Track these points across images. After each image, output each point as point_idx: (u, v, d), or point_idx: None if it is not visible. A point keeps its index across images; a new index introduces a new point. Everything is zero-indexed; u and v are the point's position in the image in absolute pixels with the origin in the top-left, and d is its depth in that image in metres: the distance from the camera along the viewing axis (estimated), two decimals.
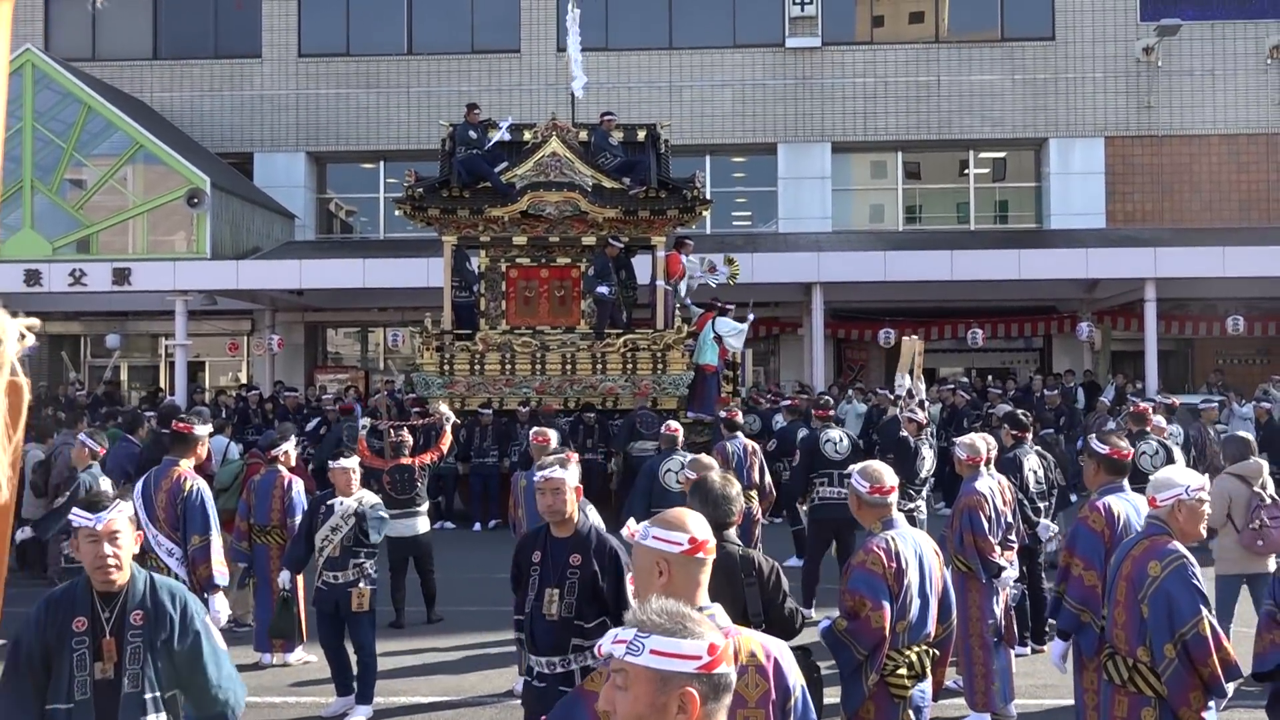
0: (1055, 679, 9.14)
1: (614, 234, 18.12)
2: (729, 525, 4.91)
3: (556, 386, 17.90)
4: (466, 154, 18.33)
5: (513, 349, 17.94)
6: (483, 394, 17.82)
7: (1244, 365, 27.22)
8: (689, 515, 3.39)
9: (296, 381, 26.60)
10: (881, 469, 5.42)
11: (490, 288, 18.53)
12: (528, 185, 17.91)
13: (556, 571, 5.50)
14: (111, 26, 29.01)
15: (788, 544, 14.02)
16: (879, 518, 5.34)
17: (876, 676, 5.14)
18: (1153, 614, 4.98)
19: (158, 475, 7.41)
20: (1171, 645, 4.92)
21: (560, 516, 5.59)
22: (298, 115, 28.48)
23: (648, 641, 2.41)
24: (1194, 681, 4.94)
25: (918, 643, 5.25)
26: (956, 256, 23.25)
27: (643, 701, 2.41)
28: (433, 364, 17.81)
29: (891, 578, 5.12)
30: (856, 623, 5.13)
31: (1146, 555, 5.10)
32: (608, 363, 17.99)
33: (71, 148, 24.38)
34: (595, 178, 18.20)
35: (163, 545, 7.27)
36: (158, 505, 7.30)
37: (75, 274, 22.99)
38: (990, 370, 26.64)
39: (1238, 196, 27.50)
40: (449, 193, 18.14)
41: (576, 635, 5.42)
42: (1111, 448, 6.62)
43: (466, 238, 18.39)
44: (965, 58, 27.97)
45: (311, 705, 8.58)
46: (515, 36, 28.33)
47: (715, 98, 27.99)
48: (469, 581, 12.91)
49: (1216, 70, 27.49)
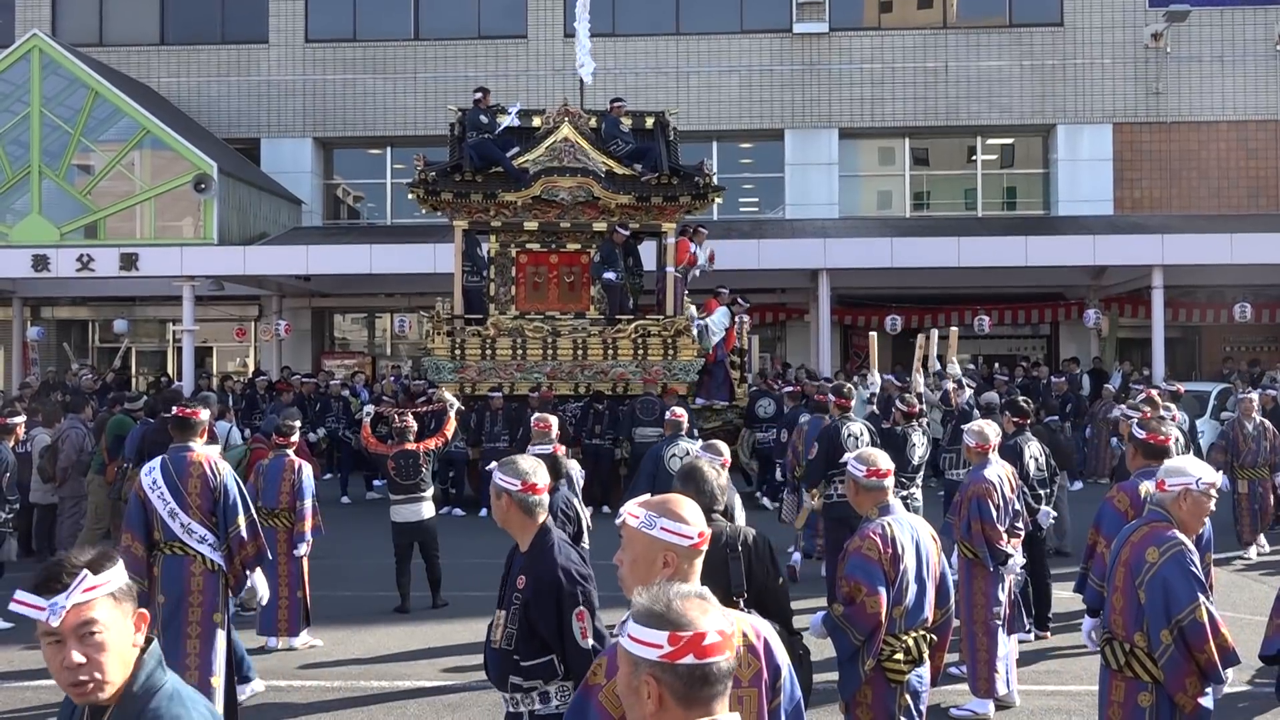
0: (1058, 665, 9.19)
1: (622, 220, 18.13)
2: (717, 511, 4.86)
3: (568, 372, 17.91)
4: (478, 139, 18.24)
5: (524, 334, 17.94)
6: (493, 379, 17.82)
7: (1251, 352, 27.18)
8: (691, 506, 3.37)
9: (303, 367, 26.65)
10: (876, 453, 5.50)
11: (500, 273, 18.53)
12: (541, 170, 17.88)
13: (507, 591, 4.68)
14: (119, 12, 29.02)
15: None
16: (875, 503, 5.39)
17: (873, 661, 5.18)
18: (1150, 600, 5.00)
19: (177, 463, 7.29)
20: (1168, 631, 4.94)
21: (503, 525, 4.72)
22: (305, 101, 28.49)
23: (628, 624, 2.45)
24: (1190, 667, 4.97)
25: (915, 628, 5.29)
26: (964, 243, 23.22)
27: (623, 681, 2.47)
28: (444, 349, 17.79)
29: (888, 563, 5.16)
30: (852, 608, 5.17)
31: (1145, 541, 5.12)
32: (619, 348, 18.02)
33: (79, 133, 24.41)
34: (607, 164, 18.20)
35: (195, 533, 7.18)
36: (189, 492, 7.23)
37: (83, 259, 23.05)
38: (997, 357, 26.63)
39: (1246, 183, 27.42)
40: (461, 177, 18.08)
41: (513, 671, 4.60)
42: (1150, 433, 6.83)
43: (478, 222, 18.33)
44: (973, 43, 27.89)
45: (317, 689, 8.62)
46: (522, 22, 28.30)
47: (722, 83, 27.94)
48: (474, 566, 12.95)
49: (1225, 57, 27.38)
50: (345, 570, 12.81)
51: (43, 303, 28.55)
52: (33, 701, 8.42)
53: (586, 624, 4.50)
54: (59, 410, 14.57)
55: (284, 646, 9.87)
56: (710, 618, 2.45)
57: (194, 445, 7.40)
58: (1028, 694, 8.29)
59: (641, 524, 3.27)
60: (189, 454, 7.33)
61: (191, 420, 7.47)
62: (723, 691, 2.45)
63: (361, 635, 10.22)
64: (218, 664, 7.17)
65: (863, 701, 5.29)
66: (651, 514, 3.29)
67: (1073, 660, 9.22)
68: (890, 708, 5.26)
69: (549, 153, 18.14)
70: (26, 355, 27.56)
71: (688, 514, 3.31)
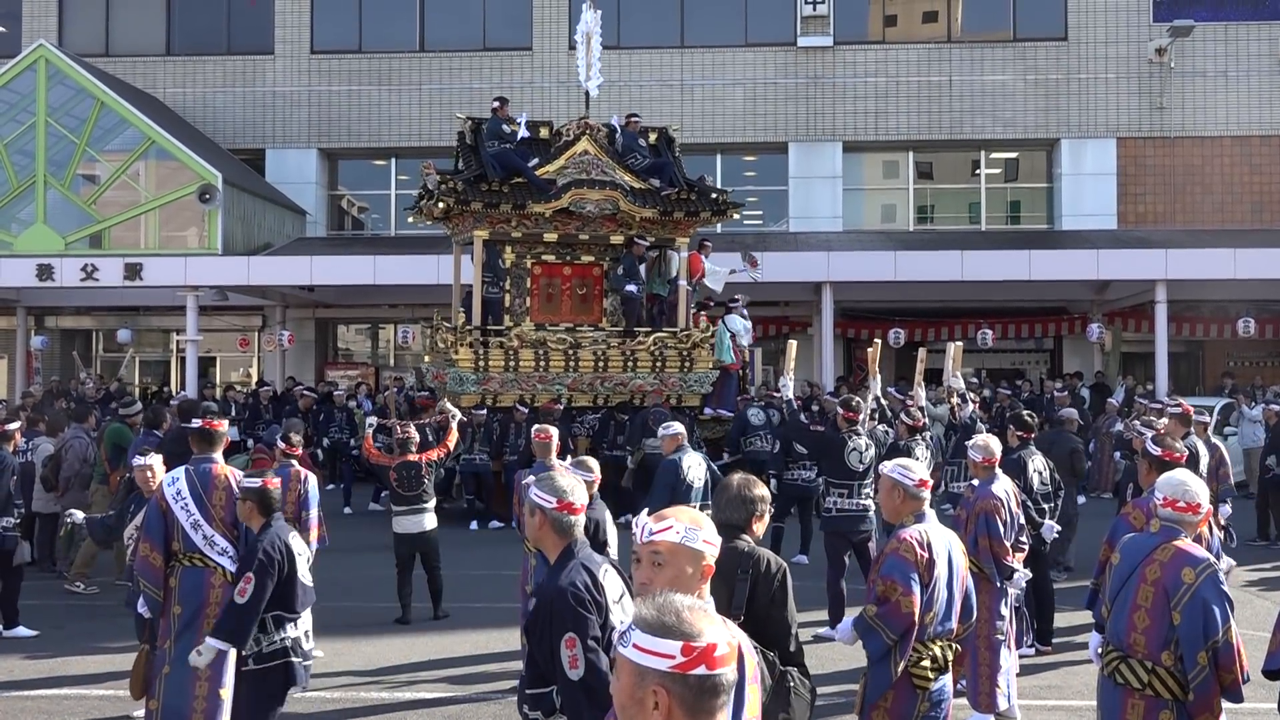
0: (1059, 680, 9.17)
1: (639, 233, 18.18)
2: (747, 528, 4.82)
3: (588, 384, 17.94)
4: (500, 148, 18.04)
5: (547, 346, 17.93)
6: (515, 390, 17.75)
7: (1254, 368, 27.15)
8: (709, 522, 3.57)
9: (307, 378, 26.67)
10: (914, 463, 5.60)
11: (515, 284, 18.51)
12: (571, 182, 17.81)
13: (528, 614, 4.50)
14: (125, 22, 29.11)
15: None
16: (913, 511, 5.47)
17: (904, 664, 5.21)
18: (1187, 621, 4.96)
19: (201, 475, 7.28)
20: (1205, 653, 4.93)
21: (535, 543, 4.60)
22: (310, 112, 28.55)
23: (632, 635, 2.44)
24: (1218, 688, 4.97)
25: (942, 637, 5.34)
26: (967, 257, 23.23)
27: (625, 692, 2.44)
28: (468, 360, 17.59)
29: (923, 566, 5.26)
30: (887, 607, 5.24)
31: (1178, 561, 5.09)
32: (638, 361, 18.09)
33: (84, 143, 24.46)
34: (626, 178, 18.23)
35: (216, 545, 7.18)
36: (214, 504, 7.23)
37: (87, 269, 23.08)
38: (1000, 371, 26.61)
39: (1250, 198, 27.42)
40: (488, 186, 17.84)
41: (522, 698, 4.41)
42: (1165, 449, 6.86)
43: (499, 233, 18.15)
44: (977, 58, 27.92)
45: (318, 700, 8.61)
46: (527, 34, 28.36)
47: (727, 96, 27.99)
48: (476, 578, 12.94)
49: (1229, 72, 27.41)
50: (347, 581, 12.80)
51: (47, 312, 28.58)
52: (32, 711, 8.42)
53: (577, 652, 4.10)
54: (62, 419, 14.56)
55: None
56: (717, 628, 2.46)
57: (216, 457, 7.43)
58: (1028, 709, 8.27)
59: (682, 537, 3.43)
60: (213, 466, 7.35)
61: (215, 432, 7.49)
62: (726, 703, 2.45)
63: (362, 646, 10.20)
64: (228, 676, 7.18)
65: (883, 705, 5.31)
66: (690, 528, 3.46)
67: (1074, 675, 9.21)
68: (910, 714, 5.28)
69: (576, 166, 18.05)
70: (30, 364, 27.60)
71: (712, 530, 3.50)
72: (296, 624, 6.73)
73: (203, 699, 7.08)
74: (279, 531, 6.64)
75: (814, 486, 14.08)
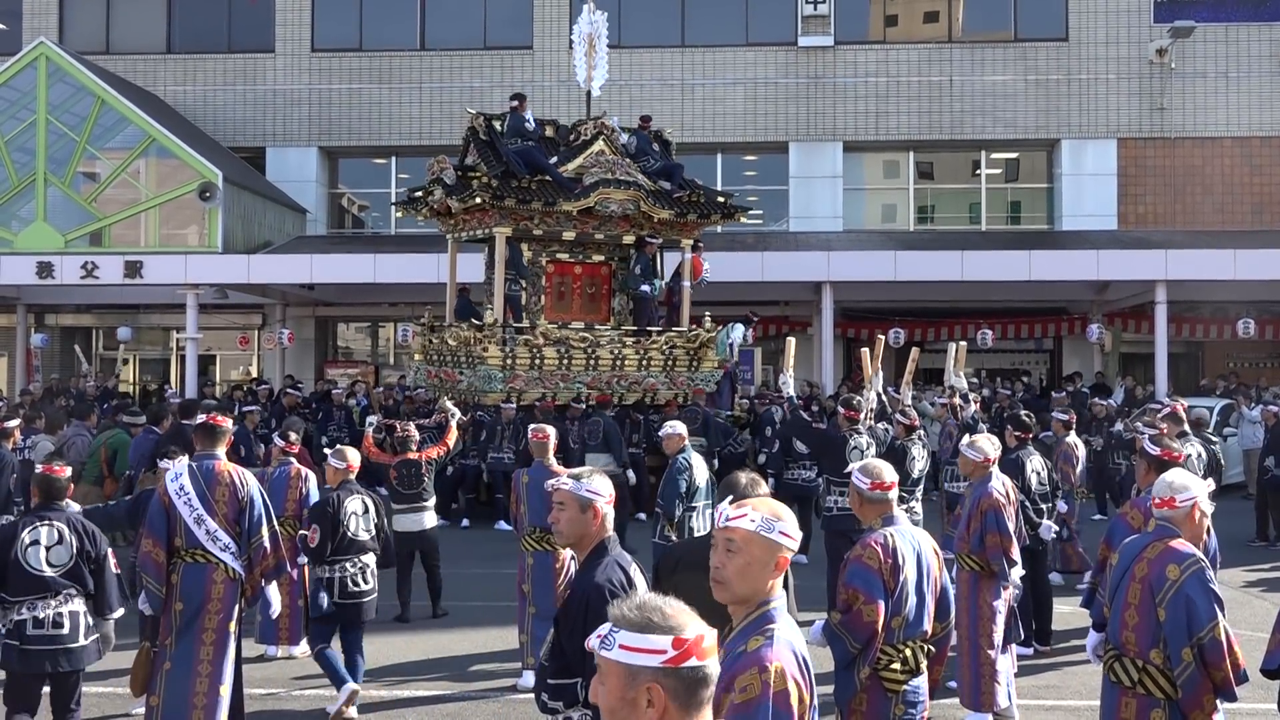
0: (1057, 679, 9.18)
1: (650, 233, 18.20)
2: None
3: (606, 382, 17.99)
4: (523, 145, 17.91)
5: (569, 343, 17.91)
6: (539, 388, 17.65)
7: (1254, 369, 27.15)
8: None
9: (306, 376, 26.67)
10: (881, 465, 5.53)
11: (531, 282, 18.47)
12: (598, 181, 17.71)
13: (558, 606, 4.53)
14: (125, 20, 29.10)
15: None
16: (879, 514, 5.42)
17: (868, 670, 5.21)
18: (1171, 618, 4.99)
19: (205, 471, 7.29)
20: (1189, 649, 4.94)
21: (570, 536, 4.66)
22: (310, 110, 28.55)
23: (618, 636, 2.45)
24: (1208, 685, 4.97)
25: (914, 639, 5.30)
26: (967, 257, 23.22)
27: (614, 695, 2.46)
28: (497, 358, 17.30)
29: (888, 573, 5.19)
30: (850, 615, 5.21)
31: (1164, 558, 5.11)
32: (651, 360, 18.21)
33: (84, 141, 24.45)
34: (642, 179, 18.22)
35: (219, 540, 7.18)
36: (217, 500, 7.24)
37: (87, 267, 23.06)
38: (1003, 372, 26.60)
39: (1250, 199, 27.42)
40: (517, 182, 17.50)
41: (543, 687, 4.49)
42: (1163, 449, 6.88)
43: (521, 230, 17.87)
44: (978, 58, 27.92)
45: (316, 698, 8.62)
46: (528, 33, 28.35)
47: (727, 96, 27.98)
48: (475, 577, 12.95)
49: (1230, 72, 27.41)
50: None
51: (47, 310, 28.58)
52: None
53: None
54: (61, 416, 14.56)
55: (284, 655, 9.87)
56: (697, 621, 2.51)
57: (219, 453, 7.43)
58: (1027, 708, 8.28)
59: (760, 528, 3.38)
60: (216, 462, 7.36)
61: (218, 428, 7.49)
62: (710, 697, 2.50)
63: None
64: (228, 673, 7.19)
65: (858, 709, 5.32)
66: (769, 519, 3.41)
67: (1072, 675, 9.21)
68: (884, 716, 5.27)
69: (601, 166, 17.97)
70: (30, 362, 27.59)
71: (794, 524, 3.48)
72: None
73: (202, 695, 7.09)
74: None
75: (814, 486, 14.14)
